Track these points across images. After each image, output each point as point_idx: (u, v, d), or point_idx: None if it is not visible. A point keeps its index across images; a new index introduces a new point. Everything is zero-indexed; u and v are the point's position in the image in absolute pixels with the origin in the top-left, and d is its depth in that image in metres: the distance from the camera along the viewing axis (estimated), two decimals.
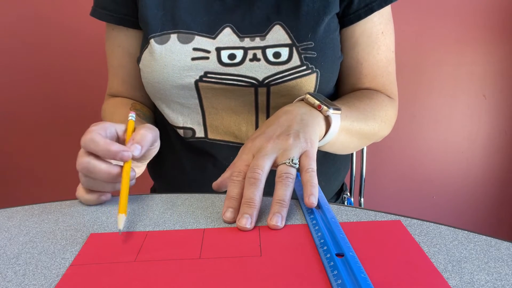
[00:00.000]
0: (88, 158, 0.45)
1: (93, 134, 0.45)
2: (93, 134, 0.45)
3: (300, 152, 0.46)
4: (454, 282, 0.33)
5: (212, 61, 0.61)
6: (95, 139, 0.45)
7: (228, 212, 0.43)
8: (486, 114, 1.40)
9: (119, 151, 0.45)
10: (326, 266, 0.35)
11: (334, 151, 0.62)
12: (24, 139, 1.40)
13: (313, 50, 0.60)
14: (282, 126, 0.49)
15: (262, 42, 0.60)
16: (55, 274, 0.36)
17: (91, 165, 0.45)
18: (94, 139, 0.45)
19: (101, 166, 0.46)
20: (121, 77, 0.72)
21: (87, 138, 0.45)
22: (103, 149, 0.45)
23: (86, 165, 0.45)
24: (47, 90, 1.35)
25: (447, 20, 1.31)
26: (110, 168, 0.46)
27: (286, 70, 0.60)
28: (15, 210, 0.49)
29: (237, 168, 0.46)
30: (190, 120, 0.66)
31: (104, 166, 0.46)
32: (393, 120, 0.69)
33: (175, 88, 0.62)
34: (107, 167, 0.46)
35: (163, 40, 0.61)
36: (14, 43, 1.30)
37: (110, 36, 0.71)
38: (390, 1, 0.64)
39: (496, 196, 1.49)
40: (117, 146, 0.45)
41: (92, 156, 0.46)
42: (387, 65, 0.68)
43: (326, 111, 0.52)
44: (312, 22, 0.60)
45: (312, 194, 0.43)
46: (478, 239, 0.40)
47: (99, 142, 0.45)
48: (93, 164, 0.45)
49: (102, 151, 0.45)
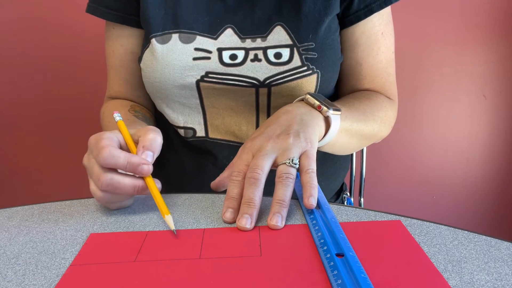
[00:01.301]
0: (110, 174, 0.43)
1: (111, 149, 0.42)
2: (111, 149, 0.43)
3: (300, 152, 0.46)
4: (454, 282, 0.33)
5: (214, 61, 0.61)
6: (115, 154, 0.42)
7: (228, 213, 0.43)
8: (486, 114, 1.40)
9: (140, 162, 0.43)
10: (326, 266, 0.35)
11: (334, 151, 0.62)
12: (24, 139, 1.40)
13: (314, 51, 0.60)
14: (282, 126, 0.49)
15: (263, 43, 0.61)
16: (55, 274, 0.36)
17: (115, 181, 0.43)
18: (114, 154, 0.42)
19: (126, 180, 0.43)
20: (123, 77, 0.71)
21: (106, 154, 0.42)
22: (124, 162, 0.43)
23: (110, 182, 0.43)
24: (47, 90, 1.35)
25: (447, 20, 1.31)
26: (135, 182, 0.44)
27: (287, 70, 0.60)
28: (15, 210, 0.49)
29: (237, 168, 0.46)
30: (191, 119, 0.66)
31: (128, 180, 0.44)
32: (393, 121, 0.69)
33: (176, 87, 0.62)
34: (131, 181, 0.44)
35: (165, 39, 0.61)
36: (14, 44, 1.30)
37: (111, 35, 0.70)
38: (390, 2, 0.64)
39: (496, 196, 1.49)
40: (137, 158, 0.43)
41: (113, 172, 0.43)
42: (386, 66, 0.68)
43: (326, 111, 0.52)
44: (313, 23, 0.60)
45: (312, 195, 0.43)
46: (478, 239, 0.40)
47: (120, 156, 0.43)
48: (117, 180, 0.43)
49: (123, 165, 0.43)
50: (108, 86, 0.74)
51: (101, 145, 0.43)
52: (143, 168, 0.43)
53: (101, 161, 0.42)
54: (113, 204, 0.46)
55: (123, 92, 0.73)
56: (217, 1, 0.63)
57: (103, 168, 0.43)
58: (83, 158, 0.47)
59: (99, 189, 0.44)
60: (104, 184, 0.43)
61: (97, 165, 0.43)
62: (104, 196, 0.44)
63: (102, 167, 0.43)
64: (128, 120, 0.61)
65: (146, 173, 0.44)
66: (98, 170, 0.43)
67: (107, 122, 0.66)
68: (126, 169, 0.43)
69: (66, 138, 1.40)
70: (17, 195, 1.47)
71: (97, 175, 0.43)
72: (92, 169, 0.44)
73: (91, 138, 0.45)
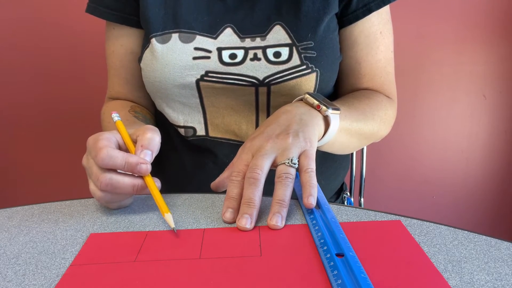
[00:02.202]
0: (109, 174, 0.43)
1: (109, 150, 0.43)
2: (109, 149, 0.43)
3: (299, 152, 0.46)
4: (454, 282, 0.33)
5: (213, 61, 0.61)
6: (113, 155, 0.43)
7: (228, 213, 0.43)
8: (486, 114, 1.40)
9: (138, 162, 0.43)
10: (326, 266, 0.35)
11: (333, 151, 0.62)
12: (24, 139, 1.40)
13: (313, 50, 0.60)
14: (281, 126, 0.49)
15: (262, 42, 0.61)
16: (55, 274, 0.36)
17: (114, 181, 0.43)
18: (111, 154, 0.42)
19: (125, 180, 0.44)
20: (123, 77, 0.72)
21: (104, 154, 0.42)
22: (122, 162, 0.43)
23: (109, 182, 0.43)
24: (47, 90, 1.35)
25: (447, 20, 1.31)
26: (134, 181, 0.44)
27: (286, 69, 0.60)
28: (15, 210, 0.49)
29: (237, 168, 0.46)
30: (191, 119, 0.67)
31: (127, 179, 0.44)
32: (392, 120, 0.69)
33: (176, 87, 0.63)
34: (130, 180, 0.44)
35: (165, 39, 0.62)
36: (14, 44, 1.30)
37: (111, 35, 0.70)
38: (388, 1, 0.64)
39: (496, 196, 1.49)
40: (135, 157, 0.44)
41: (112, 171, 0.43)
42: (385, 65, 0.68)
43: (325, 111, 0.52)
44: (312, 22, 0.60)
45: (311, 195, 0.43)
46: (478, 239, 0.40)
47: (118, 156, 0.43)
48: (116, 179, 0.43)
49: (121, 165, 0.43)
50: (109, 86, 0.74)
51: (99, 146, 0.43)
52: (141, 168, 0.44)
53: (99, 161, 0.42)
54: (113, 203, 0.47)
55: (124, 92, 0.73)
56: (217, 1, 0.63)
57: (101, 168, 0.43)
58: (82, 159, 0.47)
59: (98, 189, 0.44)
60: (103, 184, 0.43)
61: (96, 165, 0.44)
62: (103, 196, 0.44)
63: (100, 167, 0.43)
64: (128, 120, 0.62)
65: (144, 172, 0.44)
66: (97, 170, 0.43)
67: (107, 123, 0.66)
68: (124, 169, 0.43)
69: (66, 138, 1.40)
70: (17, 195, 1.47)
71: (96, 175, 0.43)
72: (91, 170, 0.44)
73: (90, 138, 0.46)
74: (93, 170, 0.44)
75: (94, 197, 0.46)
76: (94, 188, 0.45)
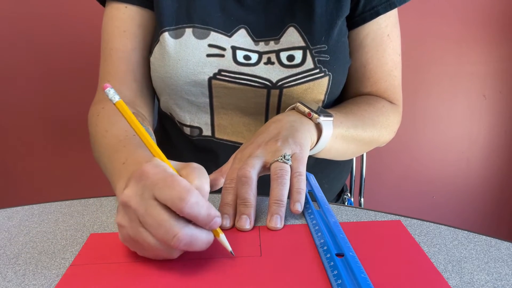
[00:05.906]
0: (189, 229, 0.34)
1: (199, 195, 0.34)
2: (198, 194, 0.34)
3: (290, 153, 0.46)
4: (454, 282, 0.33)
5: (227, 59, 0.60)
6: (200, 202, 0.34)
7: (224, 219, 0.43)
8: (486, 114, 1.40)
9: (215, 215, 0.35)
10: (326, 266, 0.35)
11: (331, 157, 0.61)
12: (24, 139, 1.40)
13: (326, 53, 0.60)
14: (271, 134, 0.49)
15: (276, 45, 0.60)
16: (55, 274, 0.36)
17: (194, 238, 0.34)
18: (199, 201, 0.34)
19: (202, 235, 0.35)
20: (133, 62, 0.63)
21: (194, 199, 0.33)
22: (205, 213, 0.34)
23: (189, 239, 0.33)
24: (48, 90, 1.35)
25: (447, 20, 1.31)
26: (210, 236, 0.36)
27: (299, 73, 0.59)
28: (15, 210, 0.49)
29: (229, 176, 0.46)
30: (197, 119, 0.65)
31: (205, 236, 0.35)
32: (396, 126, 0.68)
33: (187, 84, 0.61)
34: (207, 236, 0.35)
35: (178, 34, 0.60)
36: (14, 43, 1.30)
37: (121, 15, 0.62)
38: (395, 5, 0.63)
39: (496, 196, 1.49)
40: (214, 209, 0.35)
41: (191, 224, 0.34)
42: (392, 69, 0.67)
43: (316, 118, 0.52)
44: (326, 25, 0.60)
45: (298, 201, 0.43)
46: (478, 239, 0.40)
47: (204, 206, 0.34)
48: (196, 236, 0.34)
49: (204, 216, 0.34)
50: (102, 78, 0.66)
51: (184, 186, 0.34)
52: (216, 222, 0.35)
53: (186, 208, 0.33)
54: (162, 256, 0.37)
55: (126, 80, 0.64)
56: (232, 0, 0.62)
57: (177, 217, 0.34)
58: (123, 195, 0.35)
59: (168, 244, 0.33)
60: (183, 242, 0.33)
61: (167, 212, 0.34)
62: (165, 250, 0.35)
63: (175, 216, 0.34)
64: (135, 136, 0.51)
65: (216, 227, 0.36)
66: (172, 221, 0.33)
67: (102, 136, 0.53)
68: (203, 221, 0.34)
69: (66, 138, 1.40)
70: (17, 195, 1.47)
71: (170, 227, 0.33)
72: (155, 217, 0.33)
73: (150, 171, 0.35)
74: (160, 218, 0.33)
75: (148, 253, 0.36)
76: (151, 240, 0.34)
